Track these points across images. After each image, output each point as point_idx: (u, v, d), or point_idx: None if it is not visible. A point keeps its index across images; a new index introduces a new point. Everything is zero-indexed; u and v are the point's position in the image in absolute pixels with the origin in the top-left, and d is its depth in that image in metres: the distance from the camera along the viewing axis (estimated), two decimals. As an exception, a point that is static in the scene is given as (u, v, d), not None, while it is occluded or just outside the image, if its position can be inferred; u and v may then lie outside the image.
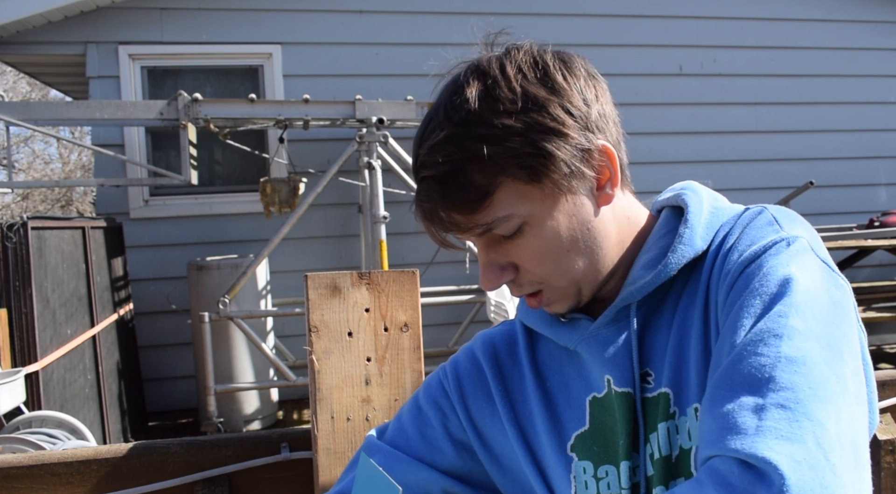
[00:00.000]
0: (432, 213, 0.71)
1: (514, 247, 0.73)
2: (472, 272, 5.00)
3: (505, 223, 0.70)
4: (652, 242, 0.78)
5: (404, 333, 1.15)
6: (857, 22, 6.07)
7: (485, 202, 0.69)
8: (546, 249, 0.72)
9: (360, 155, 4.35)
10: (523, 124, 0.68)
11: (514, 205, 0.70)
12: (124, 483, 1.14)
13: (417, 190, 0.72)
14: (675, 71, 5.73)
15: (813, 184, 4.22)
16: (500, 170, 0.68)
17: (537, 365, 0.85)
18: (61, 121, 4.53)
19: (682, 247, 0.74)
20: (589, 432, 0.77)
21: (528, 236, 0.72)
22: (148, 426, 4.81)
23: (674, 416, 0.71)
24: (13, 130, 8.63)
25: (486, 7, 5.25)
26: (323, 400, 1.12)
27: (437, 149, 0.69)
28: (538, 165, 0.69)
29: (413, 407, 0.90)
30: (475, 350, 0.90)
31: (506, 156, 0.68)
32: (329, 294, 1.12)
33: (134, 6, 4.95)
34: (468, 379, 0.88)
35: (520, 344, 0.87)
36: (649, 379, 0.74)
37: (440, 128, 0.70)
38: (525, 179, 0.69)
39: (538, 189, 0.70)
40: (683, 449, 0.70)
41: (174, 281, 4.88)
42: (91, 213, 11.03)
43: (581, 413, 0.78)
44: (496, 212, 0.70)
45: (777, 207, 0.75)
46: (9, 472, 1.11)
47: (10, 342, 3.10)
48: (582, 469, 0.77)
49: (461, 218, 0.70)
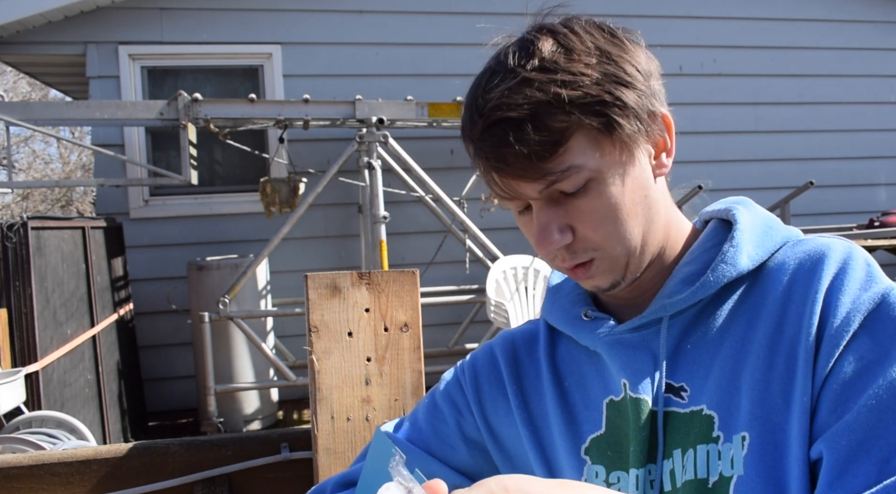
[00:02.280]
0: (503, 160, 0.68)
1: (575, 206, 0.70)
2: (473, 272, 5.00)
3: (575, 175, 0.68)
4: (696, 254, 0.76)
5: (404, 333, 1.15)
6: (857, 22, 6.07)
7: (559, 148, 0.67)
8: (608, 210, 0.70)
9: (360, 155, 4.35)
10: (599, 73, 0.68)
11: (585, 155, 0.68)
12: (124, 483, 1.14)
13: (484, 136, 0.69)
14: (675, 71, 5.73)
15: (813, 184, 4.22)
16: (577, 117, 0.67)
17: (556, 364, 0.83)
18: (61, 121, 4.53)
19: (724, 266, 0.72)
20: (604, 436, 0.76)
21: (593, 194, 0.70)
22: (148, 426, 4.81)
23: (716, 441, 0.68)
24: (13, 130, 8.63)
25: (486, 7, 5.25)
26: (323, 400, 1.12)
27: (515, 91, 0.67)
28: (613, 115, 0.68)
29: (430, 403, 0.89)
30: (494, 348, 0.88)
31: (583, 102, 0.67)
32: (329, 294, 1.12)
33: (134, 6, 4.95)
34: (485, 377, 0.86)
35: (540, 343, 0.86)
36: (683, 395, 0.72)
37: (513, 75, 0.68)
38: (599, 128, 0.68)
39: (609, 142, 0.69)
40: (723, 477, 0.67)
41: (174, 281, 4.88)
42: (91, 213, 11.02)
43: (598, 416, 0.77)
44: (569, 161, 0.68)
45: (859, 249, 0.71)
46: (9, 472, 1.11)
47: (10, 342, 3.10)
48: (594, 474, 0.76)
49: (533, 165, 0.67)
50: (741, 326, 0.71)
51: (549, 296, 0.87)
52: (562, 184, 0.69)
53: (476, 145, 0.70)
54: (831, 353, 0.64)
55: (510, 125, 0.67)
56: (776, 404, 0.66)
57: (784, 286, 0.70)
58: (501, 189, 0.71)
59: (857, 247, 0.71)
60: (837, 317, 0.65)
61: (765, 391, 0.66)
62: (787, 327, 0.67)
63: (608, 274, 0.74)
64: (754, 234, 0.75)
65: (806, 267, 0.69)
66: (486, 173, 0.71)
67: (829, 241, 0.71)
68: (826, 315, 0.66)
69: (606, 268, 0.73)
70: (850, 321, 0.64)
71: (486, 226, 4.84)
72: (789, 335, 0.67)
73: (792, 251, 0.73)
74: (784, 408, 0.65)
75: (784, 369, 0.66)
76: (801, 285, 0.68)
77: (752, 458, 0.65)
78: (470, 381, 0.87)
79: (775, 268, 0.72)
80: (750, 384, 0.67)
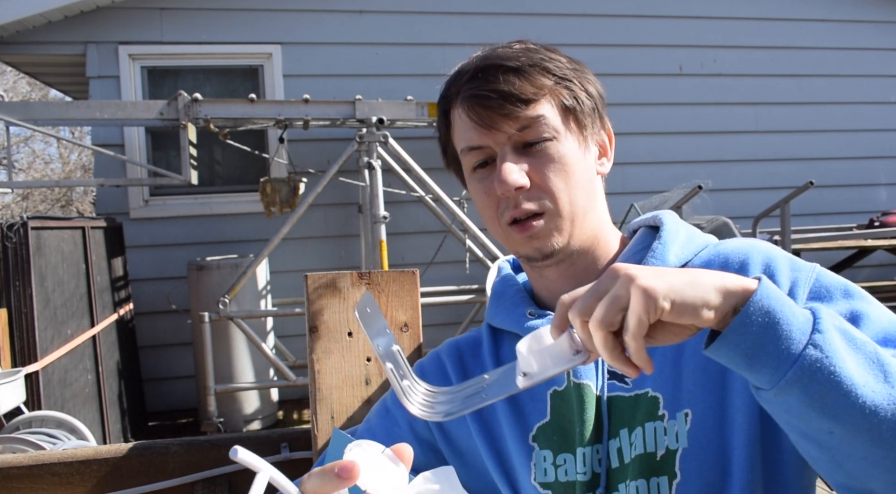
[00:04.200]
0: (493, 93, 0.80)
1: (535, 157, 0.82)
2: (473, 272, 5.00)
3: (541, 126, 0.81)
4: (628, 255, 0.86)
5: (404, 333, 1.15)
6: (857, 22, 6.07)
7: (537, 101, 0.81)
8: (562, 167, 0.82)
9: (360, 155, 4.34)
10: (572, 69, 0.85)
11: (552, 115, 0.82)
12: (124, 483, 1.14)
13: (476, 76, 0.82)
14: (675, 71, 5.73)
15: (813, 184, 4.21)
16: (553, 85, 0.82)
17: (500, 363, 0.89)
18: (61, 121, 4.53)
19: (654, 260, 0.82)
20: (550, 423, 0.83)
21: (552, 151, 0.82)
22: (148, 426, 4.81)
23: (662, 418, 0.77)
24: (13, 130, 8.63)
25: (486, 7, 5.25)
26: (323, 400, 1.12)
27: (517, 51, 0.83)
28: (579, 96, 0.83)
29: (381, 409, 0.96)
30: (440, 353, 0.96)
31: (560, 75, 0.83)
32: (329, 294, 1.12)
33: (134, 6, 4.95)
34: (433, 379, 0.92)
35: (484, 346, 0.93)
36: (627, 380, 0.80)
37: (510, 48, 0.85)
38: (565, 102, 0.83)
39: (571, 118, 0.83)
40: (670, 450, 0.76)
41: (174, 281, 4.88)
42: (91, 213, 11.02)
43: (543, 406, 0.84)
44: (540, 111, 0.81)
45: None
46: (9, 472, 1.11)
47: (10, 342, 3.10)
48: (542, 458, 0.83)
49: (514, 107, 0.80)
50: None
51: (492, 302, 0.95)
52: (530, 130, 0.81)
53: (465, 87, 0.82)
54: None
55: (504, 70, 0.81)
56: (716, 382, 0.76)
57: None
58: (479, 124, 0.81)
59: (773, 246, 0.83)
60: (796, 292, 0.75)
61: (704, 371, 0.76)
62: None
63: (550, 236, 0.82)
64: (679, 236, 0.85)
65: (735, 266, 0.79)
66: (469, 111, 0.82)
67: (749, 240, 0.83)
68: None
69: (551, 228, 0.82)
70: (795, 296, 0.74)
71: (485, 226, 4.84)
72: None
73: (715, 250, 0.83)
74: (722, 385, 0.75)
75: None
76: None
77: (695, 432, 0.75)
78: None
79: (701, 266, 0.81)
80: (690, 367, 0.77)
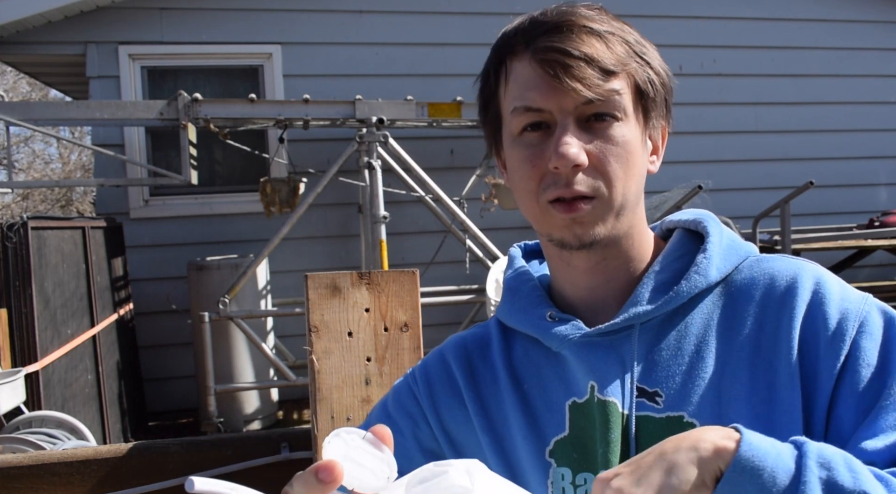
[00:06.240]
0: (573, 55, 0.70)
1: (599, 136, 0.73)
2: (473, 272, 4.99)
3: (614, 102, 0.72)
4: (666, 262, 0.78)
5: (404, 333, 1.15)
6: (857, 22, 6.07)
7: (617, 75, 0.72)
8: (623, 152, 0.73)
9: (360, 155, 4.34)
10: (652, 51, 0.77)
11: (626, 94, 0.73)
12: (124, 483, 1.14)
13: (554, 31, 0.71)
14: (675, 71, 5.69)
15: (813, 184, 4.21)
16: (635, 66, 0.74)
17: (513, 367, 0.82)
18: (61, 121, 4.54)
19: (697, 277, 0.75)
20: (568, 438, 0.76)
21: (616, 133, 0.73)
22: (148, 426, 4.81)
23: None
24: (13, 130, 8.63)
25: (485, 7, 5.25)
26: (323, 400, 1.12)
27: (602, 13, 0.74)
28: (654, 84, 0.75)
29: (382, 416, 0.87)
30: (446, 353, 0.87)
31: (645, 59, 0.75)
32: (329, 294, 1.12)
33: (134, 6, 4.95)
34: (440, 385, 0.85)
35: (493, 346, 0.85)
36: (658, 400, 0.73)
37: (590, 8, 0.74)
38: (640, 85, 0.74)
39: (639, 103, 0.75)
40: None
41: (174, 281, 4.88)
42: (91, 213, 11.02)
43: (561, 418, 0.77)
44: (617, 86, 0.72)
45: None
46: (9, 472, 1.11)
47: (10, 342, 3.10)
48: (560, 476, 0.76)
49: (595, 74, 0.71)
50: (717, 339, 0.74)
51: (506, 297, 0.86)
52: (603, 104, 0.71)
53: (542, 38, 0.72)
54: (832, 363, 0.68)
55: (589, 32, 0.71)
56: (760, 415, 0.70)
57: (757, 302, 0.74)
58: (548, 84, 0.71)
59: (822, 267, 0.77)
60: (829, 329, 0.69)
61: (747, 401, 0.70)
62: (765, 343, 0.71)
63: (594, 224, 0.74)
64: (721, 248, 0.78)
65: (782, 287, 0.74)
66: (543, 66, 0.71)
67: (798, 261, 0.77)
68: (816, 328, 0.70)
69: (598, 216, 0.74)
70: (845, 329, 0.69)
71: (486, 226, 4.84)
72: (766, 350, 0.71)
73: (759, 267, 0.77)
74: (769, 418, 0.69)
75: (764, 382, 0.70)
76: (777, 302, 0.73)
77: None
78: (424, 390, 0.85)
79: (745, 283, 0.76)
80: (732, 394, 0.71)
